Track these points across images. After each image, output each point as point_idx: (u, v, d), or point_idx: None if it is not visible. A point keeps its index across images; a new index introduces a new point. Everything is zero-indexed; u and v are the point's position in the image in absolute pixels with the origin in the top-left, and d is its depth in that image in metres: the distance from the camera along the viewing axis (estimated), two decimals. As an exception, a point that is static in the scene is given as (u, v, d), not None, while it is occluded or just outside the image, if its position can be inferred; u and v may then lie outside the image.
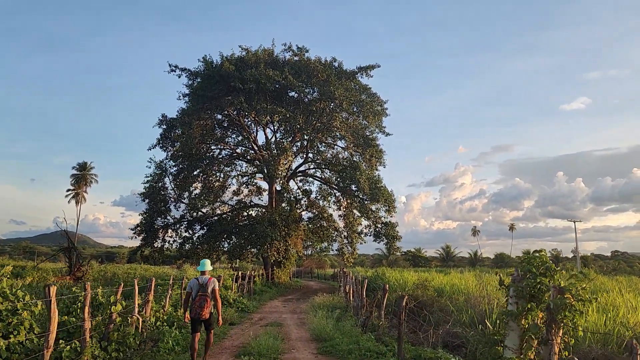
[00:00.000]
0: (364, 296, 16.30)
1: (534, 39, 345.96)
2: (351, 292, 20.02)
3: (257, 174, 41.82)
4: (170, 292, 14.74)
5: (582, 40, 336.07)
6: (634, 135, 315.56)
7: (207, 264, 9.44)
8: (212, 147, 40.88)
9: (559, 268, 5.69)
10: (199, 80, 35.87)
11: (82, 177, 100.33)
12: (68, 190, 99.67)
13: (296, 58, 36.62)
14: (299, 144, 41.35)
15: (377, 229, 37.22)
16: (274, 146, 36.42)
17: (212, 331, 9.52)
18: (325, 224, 41.61)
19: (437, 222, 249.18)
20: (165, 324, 12.66)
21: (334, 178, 40.42)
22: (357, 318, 16.70)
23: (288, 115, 33.24)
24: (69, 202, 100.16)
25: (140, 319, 10.73)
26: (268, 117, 33.46)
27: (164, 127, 37.51)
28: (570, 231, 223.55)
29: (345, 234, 42.41)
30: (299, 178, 44.60)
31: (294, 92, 37.96)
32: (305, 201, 43.61)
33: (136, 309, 10.87)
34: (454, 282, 25.38)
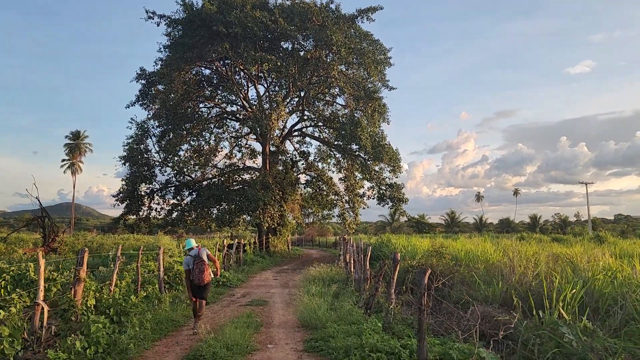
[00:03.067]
0: (368, 267, 13.06)
1: (536, 1, 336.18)
2: (352, 262, 16.83)
3: (249, 135, 38.27)
4: (117, 266, 11.42)
5: (586, 1, 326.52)
6: (638, 98, 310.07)
7: (193, 242, 10.34)
8: (200, 106, 37.20)
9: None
10: (179, 27, 31.86)
11: (76, 147, 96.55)
12: (63, 160, 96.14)
13: (288, 2, 32.53)
14: (295, 101, 37.67)
15: (382, 192, 33.77)
16: (266, 101, 32.71)
17: (205, 300, 10.14)
18: (325, 188, 38.27)
19: (440, 188, 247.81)
20: (99, 310, 9.43)
21: (333, 137, 36.77)
22: (359, 294, 13.55)
23: (279, 64, 29.29)
24: (64, 172, 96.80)
25: (45, 309, 7.46)
26: (257, 67, 29.53)
27: (143, 82, 33.81)
28: (572, 196, 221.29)
29: (347, 198, 39.17)
30: (295, 139, 41.06)
31: (287, 44, 34.10)
32: (303, 164, 40.25)
33: (40, 294, 7.58)
34: (469, 247, 22.07)
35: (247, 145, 40.76)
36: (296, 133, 39.36)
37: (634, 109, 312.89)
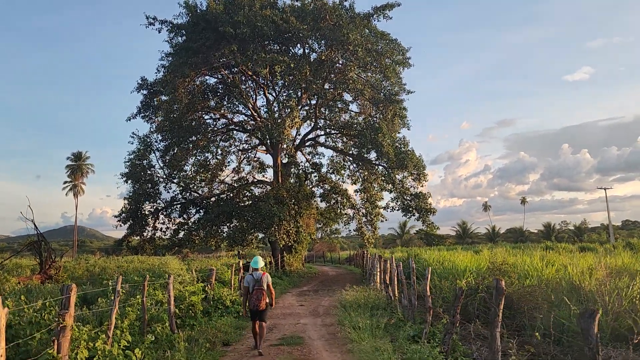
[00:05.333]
0: (429, 294, 10.47)
1: (534, 9, 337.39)
2: (396, 284, 14.27)
3: (258, 146, 35.87)
4: (116, 305, 8.88)
5: (583, 8, 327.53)
6: (637, 103, 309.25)
7: (260, 261, 9.95)
8: (205, 117, 34.89)
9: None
10: (182, 32, 29.60)
11: (77, 168, 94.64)
12: (65, 182, 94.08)
13: (298, 3, 30.31)
14: (305, 109, 35.28)
15: (406, 202, 31.07)
16: (278, 107, 30.33)
17: (265, 324, 10.01)
18: (341, 200, 35.64)
19: (443, 199, 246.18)
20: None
21: (349, 146, 34.24)
22: (412, 325, 10.99)
23: (292, 66, 26.94)
24: (66, 194, 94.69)
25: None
26: (267, 71, 27.18)
27: (145, 92, 31.51)
28: (576, 203, 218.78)
29: (364, 211, 36.51)
30: (306, 150, 38.61)
31: (298, 47, 31.92)
32: (315, 176, 37.78)
33: (-1, 362, 5.03)
34: (511, 261, 19.30)
35: (255, 159, 38.44)
36: (309, 143, 36.93)
37: (635, 113, 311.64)
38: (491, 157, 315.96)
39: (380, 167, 32.47)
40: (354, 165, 37.05)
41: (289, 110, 27.17)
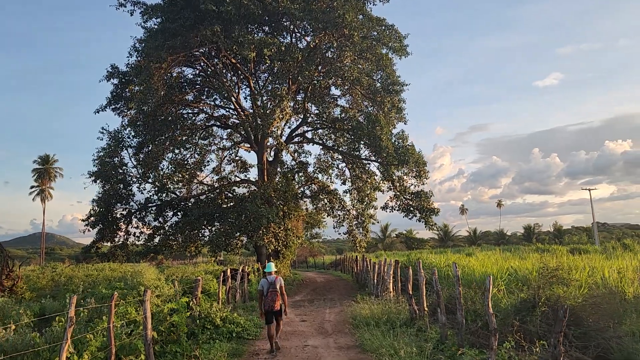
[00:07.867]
0: (491, 311, 7.90)
1: (504, 16, 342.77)
2: (424, 295, 11.71)
3: (242, 143, 32.95)
4: (68, 337, 6.07)
5: (553, 15, 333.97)
6: (605, 108, 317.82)
7: (272, 266, 10.64)
8: (183, 112, 31.91)
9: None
10: (158, 13, 26.47)
11: (45, 172, 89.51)
12: (32, 187, 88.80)
13: (286, -15, 27.62)
14: (292, 104, 32.55)
15: (406, 202, 28.52)
16: (261, 98, 27.50)
17: (282, 320, 10.60)
18: (330, 200, 32.98)
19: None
20: None
21: (340, 140, 31.58)
22: (471, 350, 8.46)
23: (283, 49, 24.20)
24: (33, 199, 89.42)
25: None
26: (254, 58, 24.32)
27: (115, 81, 28.35)
28: (547, 206, 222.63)
29: (355, 213, 33.92)
30: (292, 147, 35.80)
31: (285, 34, 29.35)
32: (302, 176, 35.05)
33: None
34: (533, 266, 16.87)
35: (237, 157, 35.50)
36: (296, 139, 34.12)
37: (602, 118, 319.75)
38: (464, 161, 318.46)
39: (375, 165, 30.01)
40: (344, 163, 34.55)
41: (278, 100, 24.43)
